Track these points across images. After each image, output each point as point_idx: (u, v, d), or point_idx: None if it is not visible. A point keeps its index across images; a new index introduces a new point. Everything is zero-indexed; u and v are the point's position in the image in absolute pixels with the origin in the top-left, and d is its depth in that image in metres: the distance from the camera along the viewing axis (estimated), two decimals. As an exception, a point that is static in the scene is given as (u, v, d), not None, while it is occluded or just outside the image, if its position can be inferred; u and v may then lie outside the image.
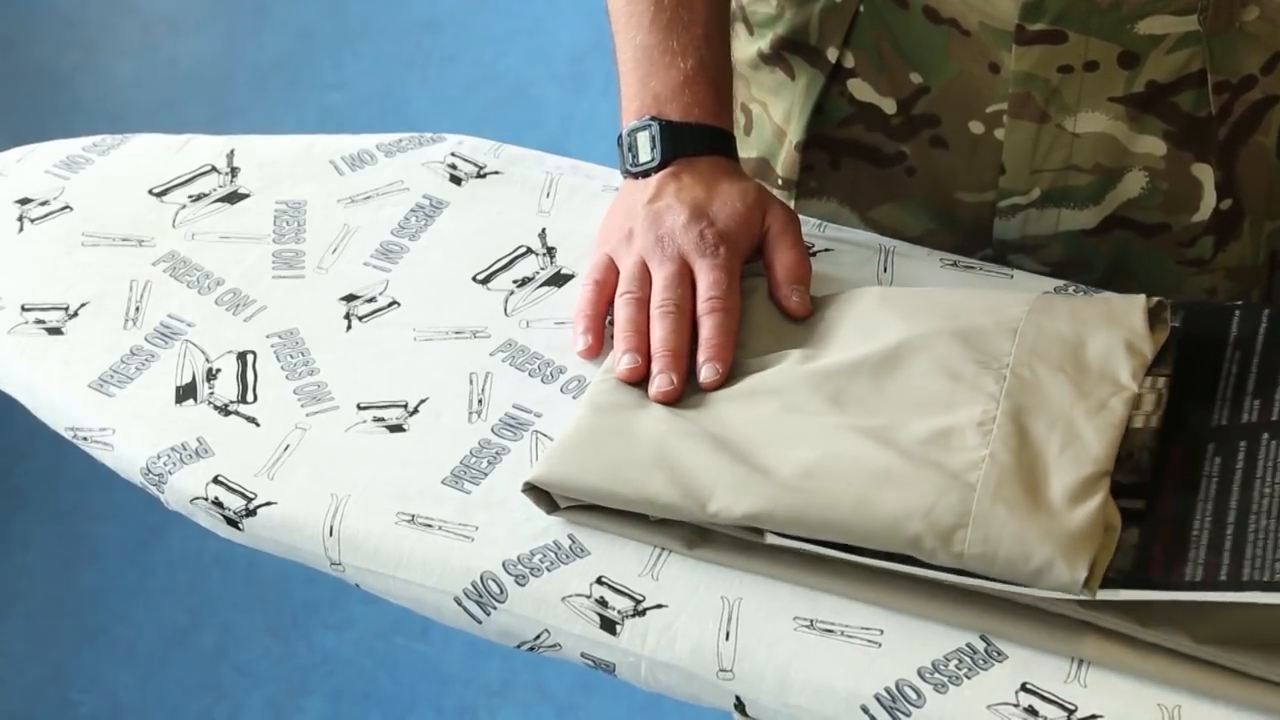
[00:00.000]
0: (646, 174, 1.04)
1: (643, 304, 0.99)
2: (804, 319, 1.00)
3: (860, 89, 1.12)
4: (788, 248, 1.02)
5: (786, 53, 1.14)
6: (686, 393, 0.95)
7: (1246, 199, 1.11)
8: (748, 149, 1.18)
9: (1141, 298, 0.95)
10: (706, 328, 0.97)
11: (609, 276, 1.01)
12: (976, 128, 1.10)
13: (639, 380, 0.96)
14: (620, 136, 1.05)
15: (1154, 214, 1.11)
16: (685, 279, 0.99)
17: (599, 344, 1.00)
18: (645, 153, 1.04)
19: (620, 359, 0.97)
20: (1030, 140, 1.08)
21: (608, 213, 1.05)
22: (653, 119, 1.04)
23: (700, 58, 1.05)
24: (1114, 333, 0.93)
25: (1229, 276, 1.14)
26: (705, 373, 0.96)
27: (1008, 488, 0.86)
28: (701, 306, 0.98)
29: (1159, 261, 1.12)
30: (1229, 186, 1.10)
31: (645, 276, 1.00)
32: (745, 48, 1.16)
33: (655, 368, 0.96)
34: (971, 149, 1.10)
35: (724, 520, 0.88)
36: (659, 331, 0.97)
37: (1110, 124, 1.07)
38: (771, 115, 1.17)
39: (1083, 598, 0.83)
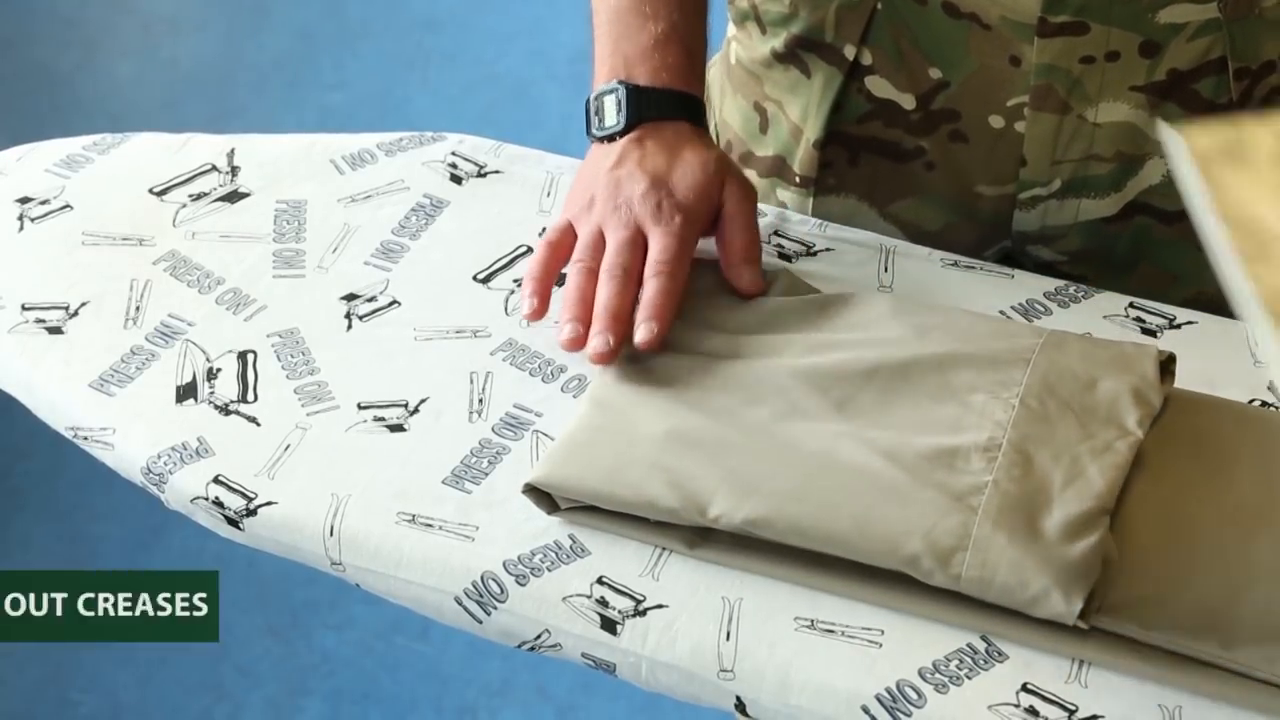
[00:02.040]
0: (611, 139, 1.03)
1: (593, 274, 0.99)
2: (754, 296, 1.00)
3: (879, 86, 1.12)
4: (740, 229, 1.02)
5: (801, 51, 1.14)
6: (688, 390, 0.95)
7: None
8: (764, 147, 1.18)
9: (1154, 348, 0.95)
10: (649, 290, 0.97)
11: (564, 239, 1.01)
12: (997, 121, 1.10)
13: (579, 348, 0.96)
14: (588, 100, 1.05)
15: (1175, 201, 1.11)
16: (637, 246, 0.99)
17: (544, 307, 1.00)
18: (610, 117, 1.04)
19: (563, 327, 0.97)
20: (1052, 132, 1.09)
21: (575, 177, 1.05)
22: (620, 83, 1.04)
23: (672, 22, 1.05)
24: (1124, 379, 0.93)
25: None
26: (641, 333, 0.95)
27: (1009, 515, 0.86)
28: (647, 270, 0.98)
29: (1180, 248, 1.12)
30: None
31: (600, 246, 1.00)
32: (758, 47, 1.16)
33: (593, 329, 0.96)
34: (992, 142, 1.11)
35: (724, 526, 0.88)
36: (602, 294, 0.97)
37: (1131, 113, 1.08)
38: (787, 114, 1.17)
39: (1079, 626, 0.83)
